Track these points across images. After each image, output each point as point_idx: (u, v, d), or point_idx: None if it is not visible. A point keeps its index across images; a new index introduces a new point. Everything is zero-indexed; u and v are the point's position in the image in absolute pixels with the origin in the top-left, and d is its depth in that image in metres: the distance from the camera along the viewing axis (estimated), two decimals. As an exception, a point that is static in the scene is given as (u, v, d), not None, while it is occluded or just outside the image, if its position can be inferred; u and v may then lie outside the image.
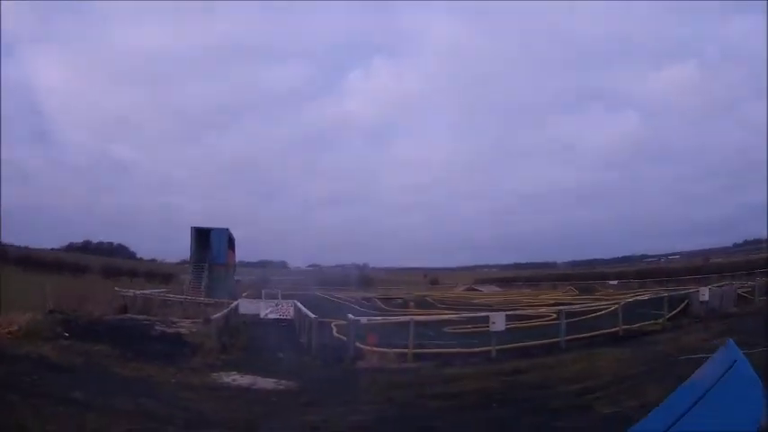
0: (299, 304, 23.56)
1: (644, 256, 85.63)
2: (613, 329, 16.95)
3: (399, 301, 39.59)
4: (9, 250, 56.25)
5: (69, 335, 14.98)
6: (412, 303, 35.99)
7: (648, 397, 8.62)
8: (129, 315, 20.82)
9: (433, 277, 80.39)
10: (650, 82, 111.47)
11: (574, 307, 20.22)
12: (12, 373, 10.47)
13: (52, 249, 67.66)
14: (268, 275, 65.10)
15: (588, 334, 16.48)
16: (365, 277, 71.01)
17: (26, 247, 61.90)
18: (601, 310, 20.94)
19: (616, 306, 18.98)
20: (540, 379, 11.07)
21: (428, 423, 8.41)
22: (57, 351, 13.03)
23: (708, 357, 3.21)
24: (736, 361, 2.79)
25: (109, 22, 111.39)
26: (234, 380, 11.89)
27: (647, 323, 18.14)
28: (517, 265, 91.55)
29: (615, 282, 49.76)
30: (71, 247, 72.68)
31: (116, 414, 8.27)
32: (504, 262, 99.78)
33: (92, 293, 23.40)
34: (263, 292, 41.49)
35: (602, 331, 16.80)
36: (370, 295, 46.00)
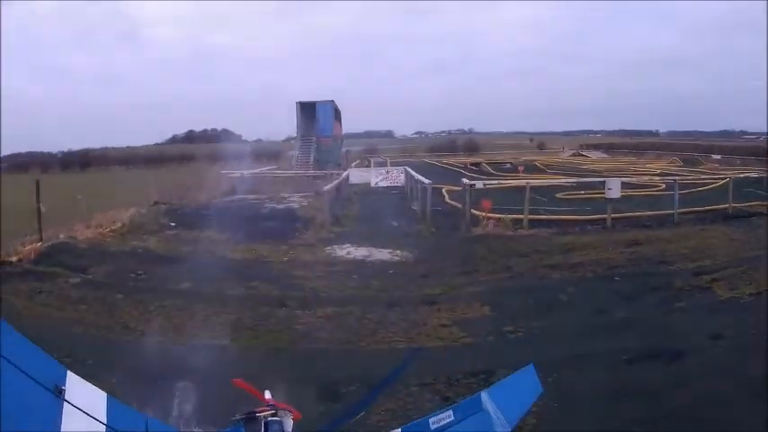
0: (410, 170, 22.71)
1: (743, 132, 79.48)
2: (723, 206, 16.75)
3: (508, 165, 38.90)
4: (109, 152, 58.52)
5: (176, 224, 14.72)
6: (521, 168, 35.12)
7: (764, 285, 8.69)
8: (237, 196, 20.44)
9: (539, 141, 78.60)
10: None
11: (685, 179, 19.99)
12: (115, 272, 10.25)
13: (156, 144, 69.14)
14: (375, 145, 65.51)
15: (699, 208, 16.42)
16: (471, 142, 69.86)
17: (127, 147, 63.94)
18: (709, 184, 20.65)
19: (726, 181, 18.69)
20: (658, 253, 11.13)
21: (551, 295, 8.43)
22: (163, 242, 12.83)
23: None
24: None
25: None
26: (348, 253, 11.69)
27: (755, 203, 17.66)
28: (621, 132, 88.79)
29: (719, 156, 47.11)
30: (175, 140, 74.05)
31: (225, 302, 8.15)
32: (608, 128, 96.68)
33: (198, 180, 22.94)
34: (371, 161, 41.30)
35: (712, 207, 16.62)
36: (477, 160, 45.53)
